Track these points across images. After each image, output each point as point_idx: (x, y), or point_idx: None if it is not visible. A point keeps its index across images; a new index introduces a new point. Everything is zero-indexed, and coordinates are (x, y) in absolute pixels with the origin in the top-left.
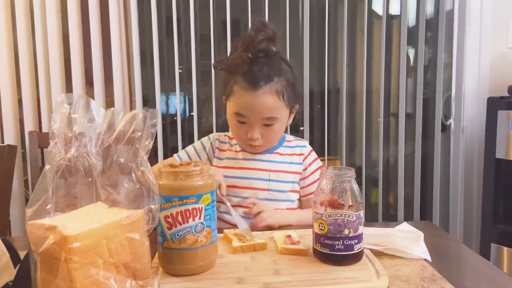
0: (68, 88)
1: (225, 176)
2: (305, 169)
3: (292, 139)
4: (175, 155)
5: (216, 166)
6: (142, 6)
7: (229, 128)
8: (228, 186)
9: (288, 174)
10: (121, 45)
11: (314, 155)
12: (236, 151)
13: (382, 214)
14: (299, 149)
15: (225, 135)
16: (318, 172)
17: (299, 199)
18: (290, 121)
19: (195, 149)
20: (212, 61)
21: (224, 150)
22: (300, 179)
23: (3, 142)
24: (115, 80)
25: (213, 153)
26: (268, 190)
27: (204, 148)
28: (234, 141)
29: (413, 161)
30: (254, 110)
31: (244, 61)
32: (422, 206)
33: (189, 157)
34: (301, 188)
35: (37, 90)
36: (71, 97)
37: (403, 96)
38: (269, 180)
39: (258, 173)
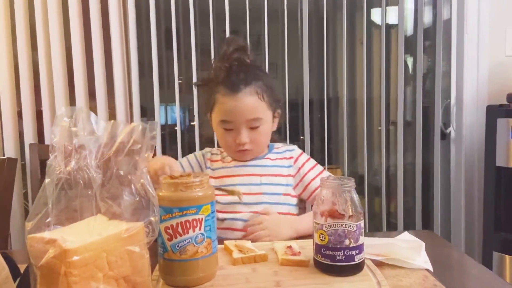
0: (71, 100)
1: (219, 186)
2: (298, 171)
3: (281, 145)
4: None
5: (212, 177)
6: (141, 18)
7: (218, 141)
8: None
9: (280, 177)
10: (122, 57)
11: (305, 156)
12: (228, 161)
13: (384, 223)
14: (288, 152)
15: (218, 149)
16: (315, 169)
17: (299, 203)
18: (275, 126)
19: (188, 161)
20: None
21: (217, 161)
22: (297, 182)
23: (3, 155)
24: (116, 92)
25: (205, 164)
26: (261, 194)
27: (197, 159)
28: (225, 154)
29: (413, 170)
30: (237, 113)
31: (221, 70)
32: (424, 215)
33: (183, 169)
34: (303, 191)
35: (38, 102)
36: (71, 111)
37: (401, 105)
38: (260, 184)
39: (249, 178)
